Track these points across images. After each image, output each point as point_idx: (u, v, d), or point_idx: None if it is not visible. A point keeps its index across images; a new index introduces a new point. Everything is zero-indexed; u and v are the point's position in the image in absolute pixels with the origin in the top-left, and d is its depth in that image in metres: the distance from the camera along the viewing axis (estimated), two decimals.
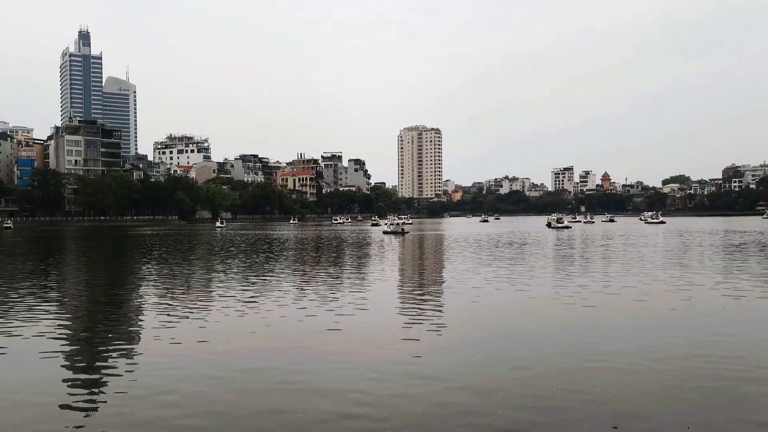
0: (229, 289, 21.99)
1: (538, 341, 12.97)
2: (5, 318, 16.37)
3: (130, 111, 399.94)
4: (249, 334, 14.04)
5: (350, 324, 15.32)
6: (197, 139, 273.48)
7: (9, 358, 11.92)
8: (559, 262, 33.13)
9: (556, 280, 23.95)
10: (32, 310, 17.76)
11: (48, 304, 18.87)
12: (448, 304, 18.46)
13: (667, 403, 8.98)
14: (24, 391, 9.74)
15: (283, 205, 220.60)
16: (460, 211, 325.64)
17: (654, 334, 13.51)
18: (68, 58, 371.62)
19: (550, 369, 10.78)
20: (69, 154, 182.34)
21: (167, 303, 18.82)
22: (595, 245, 48.50)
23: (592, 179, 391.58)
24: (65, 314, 17.27)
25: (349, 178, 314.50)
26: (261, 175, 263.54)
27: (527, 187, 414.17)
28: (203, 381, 10.17)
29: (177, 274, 27.98)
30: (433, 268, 31.04)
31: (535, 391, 9.49)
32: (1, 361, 11.66)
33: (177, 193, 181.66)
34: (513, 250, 42.51)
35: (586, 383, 9.94)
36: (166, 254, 42.68)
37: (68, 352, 12.48)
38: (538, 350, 12.14)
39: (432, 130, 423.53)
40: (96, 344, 13.41)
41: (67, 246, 58.60)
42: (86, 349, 12.94)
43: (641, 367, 10.85)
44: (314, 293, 20.70)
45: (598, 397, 9.20)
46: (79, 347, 13.08)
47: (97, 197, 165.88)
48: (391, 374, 10.43)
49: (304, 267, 31.09)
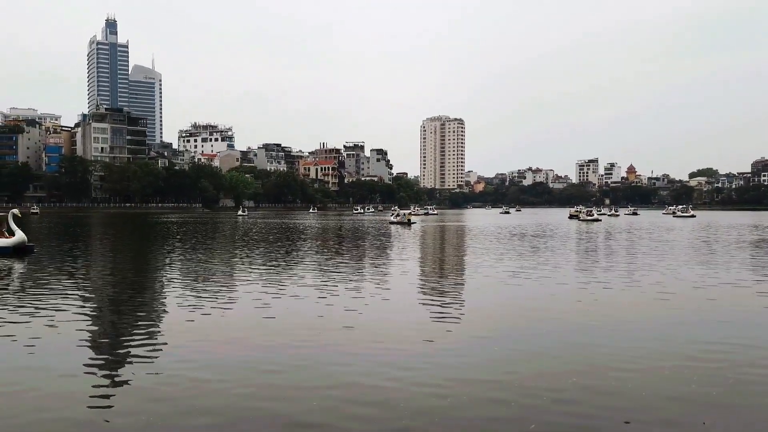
0: (248, 278, 22.07)
1: (558, 336, 12.77)
2: (31, 304, 16.62)
3: (155, 99, 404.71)
4: (269, 324, 14.06)
5: (370, 314, 15.26)
6: (221, 128, 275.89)
7: (35, 344, 12.07)
8: (592, 256, 32.69)
9: (581, 275, 23.61)
10: (59, 295, 18.01)
11: (75, 290, 19.12)
12: (468, 297, 18.29)
13: (683, 400, 8.78)
14: (49, 377, 9.83)
15: (305, 195, 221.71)
16: (483, 203, 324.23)
17: (677, 332, 13.22)
18: (95, 47, 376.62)
19: (567, 363, 10.61)
20: (95, 141, 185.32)
21: (190, 290, 18.95)
22: (633, 239, 47.77)
23: (617, 171, 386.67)
24: (91, 299, 17.46)
25: (371, 168, 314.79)
26: (283, 164, 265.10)
27: (551, 178, 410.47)
28: (224, 369, 10.17)
29: (199, 262, 28.22)
30: (454, 261, 30.86)
31: (550, 384, 9.33)
32: (27, 347, 11.80)
33: (201, 181, 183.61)
34: (539, 243, 42.09)
35: (602, 378, 9.77)
36: (189, 241, 43.15)
37: (93, 339, 12.60)
38: (556, 345, 11.95)
39: (455, 121, 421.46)
40: (120, 330, 13.53)
41: (94, 232, 59.54)
42: (111, 335, 13.06)
43: (659, 364, 10.62)
44: (333, 283, 20.67)
45: (613, 392, 9.02)
46: (104, 333, 13.20)
47: (123, 184, 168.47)
48: (410, 365, 10.35)
49: (322, 256, 31.13)
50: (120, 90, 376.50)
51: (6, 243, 30.21)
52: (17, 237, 30.63)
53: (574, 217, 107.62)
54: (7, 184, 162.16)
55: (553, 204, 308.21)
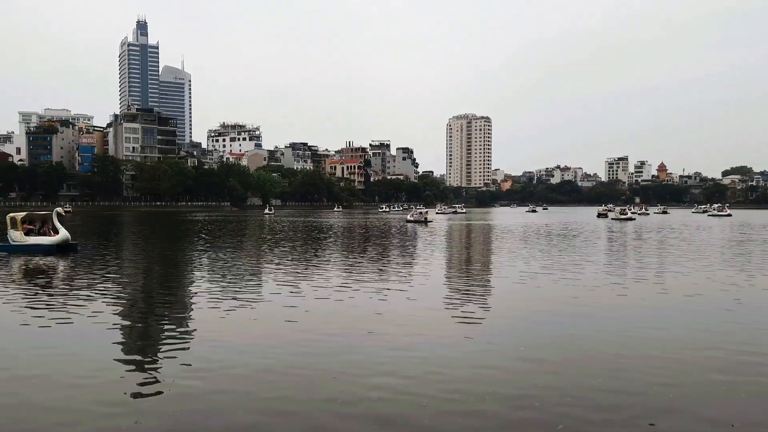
0: (276, 273, 22.39)
1: (585, 332, 12.76)
2: (66, 295, 17.17)
3: (185, 99, 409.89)
4: (299, 317, 14.34)
5: (397, 309, 15.47)
6: (249, 128, 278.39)
7: (68, 335, 12.51)
8: (635, 257, 32.39)
9: (616, 275, 23.43)
10: (92, 289, 18.55)
11: (116, 286, 19.69)
12: (495, 294, 18.32)
13: (712, 400, 8.75)
14: (82, 368, 10.20)
15: (331, 193, 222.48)
16: (510, 201, 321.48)
17: (704, 329, 13.11)
18: (126, 48, 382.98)
19: (592, 361, 10.64)
20: (127, 141, 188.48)
21: (222, 286, 19.35)
22: (682, 239, 47.08)
23: (647, 169, 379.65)
24: (129, 296, 17.95)
25: (397, 167, 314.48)
26: (310, 163, 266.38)
27: (579, 177, 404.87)
28: (255, 363, 10.42)
29: (227, 258, 28.71)
30: (476, 259, 30.83)
31: (574, 382, 9.36)
32: (62, 338, 12.24)
33: (229, 180, 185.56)
34: (569, 242, 41.76)
35: (627, 375, 9.78)
36: (218, 239, 43.89)
37: (124, 331, 13.00)
38: (582, 342, 11.95)
39: (482, 119, 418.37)
40: (151, 323, 13.95)
41: (130, 230, 60.81)
42: (141, 328, 13.46)
43: (687, 361, 10.58)
44: (359, 278, 20.86)
45: (638, 391, 9.02)
46: (134, 326, 13.61)
47: (154, 183, 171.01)
48: (437, 358, 10.48)
49: (348, 252, 31.37)
50: (150, 90, 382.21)
51: (50, 241, 30.95)
52: (61, 235, 31.29)
53: (603, 215, 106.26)
54: (43, 184, 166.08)
55: (582, 203, 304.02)
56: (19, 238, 31.11)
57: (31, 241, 31.10)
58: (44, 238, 31.31)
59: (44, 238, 31.31)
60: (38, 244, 30.82)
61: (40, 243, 30.85)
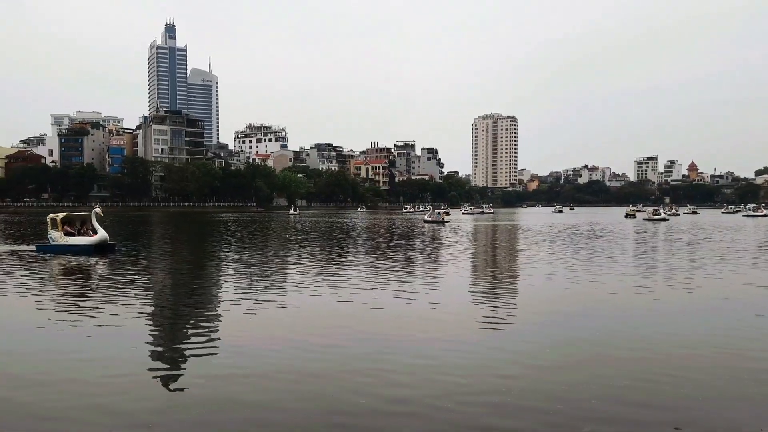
0: (302, 273, 22.51)
1: (612, 335, 12.53)
2: (95, 295, 17.47)
3: (212, 101, 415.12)
4: (325, 318, 14.41)
5: (423, 308, 15.46)
6: (275, 129, 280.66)
7: (97, 335, 12.71)
8: (660, 255, 31.86)
9: (644, 275, 23.05)
10: (129, 289, 18.88)
11: (143, 284, 20.06)
12: (518, 296, 18.14)
13: (740, 404, 8.52)
14: (112, 367, 10.35)
15: (356, 194, 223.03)
16: (537, 201, 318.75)
17: (734, 333, 12.80)
18: (155, 51, 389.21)
19: (619, 364, 10.46)
20: (156, 142, 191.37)
21: (246, 287, 19.54)
22: (705, 240, 46.21)
23: (677, 169, 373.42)
24: (157, 294, 18.28)
25: (422, 167, 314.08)
26: (335, 163, 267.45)
27: (607, 177, 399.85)
28: (282, 363, 10.47)
29: (254, 258, 28.98)
30: (501, 261, 30.58)
31: (600, 385, 9.21)
32: (90, 338, 12.45)
33: (255, 181, 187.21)
34: (601, 245, 41.22)
35: (654, 378, 9.59)
36: (245, 239, 44.37)
37: (153, 332, 13.18)
38: (609, 345, 11.76)
39: (508, 118, 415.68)
40: (179, 324, 14.14)
41: (161, 230, 61.84)
42: (170, 328, 13.65)
43: (715, 365, 10.33)
44: (384, 279, 20.85)
45: (665, 394, 8.84)
46: (163, 326, 13.79)
47: (182, 184, 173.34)
48: (459, 359, 10.42)
49: (372, 253, 31.37)
50: (179, 93, 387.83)
51: (89, 241, 31.48)
52: (99, 235, 31.77)
53: (631, 216, 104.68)
54: (74, 185, 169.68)
55: (610, 203, 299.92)
56: (59, 238, 31.76)
57: (71, 241, 31.68)
58: (83, 239, 31.87)
59: (83, 239, 31.87)
60: (77, 244, 31.38)
61: (79, 243, 31.41)
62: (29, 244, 37.21)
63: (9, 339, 12.46)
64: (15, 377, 9.78)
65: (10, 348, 11.68)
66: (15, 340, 12.33)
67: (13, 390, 9.13)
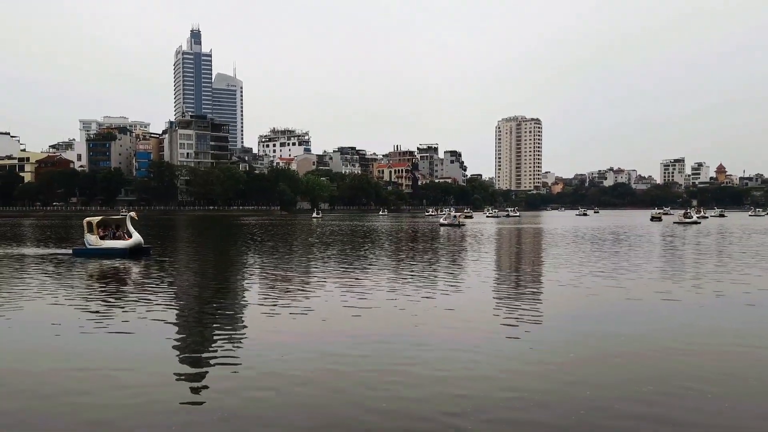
0: (323, 276, 22.69)
1: (636, 339, 12.44)
2: (124, 296, 17.87)
3: (236, 105, 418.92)
4: (350, 318, 14.58)
5: (443, 311, 15.53)
6: (298, 133, 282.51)
7: (126, 335, 13.01)
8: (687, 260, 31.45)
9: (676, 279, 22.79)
10: (154, 291, 19.28)
11: (175, 287, 20.55)
12: (541, 299, 18.07)
13: (765, 408, 8.45)
14: (140, 368, 10.61)
15: (379, 197, 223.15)
16: (561, 204, 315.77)
17: (760, 336, 12.62)
18: (181, 56, 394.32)
19: (642, 367, 10.41)
20: (181, 147, 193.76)
21: (272, 290, 19.85)
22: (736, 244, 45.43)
23: (705, 171, 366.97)
24: (189, 296, 18.71)
25: (445, 170, 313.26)
26: (358, 167, 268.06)
27: (633, 179, 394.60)
28: (308, 364, 10.61)
29: (278, 261, 29.29)
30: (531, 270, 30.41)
31: (623, 389, 9.17)
32: (120, 339, 12.75)
33: (279, 185, 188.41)
34: (625, 250, 40.74)
35: (678, 383, 9.54)
36: (269, 242, 44.89)
37: (179, 332, 13.47)
38: (633, 348, 11.67)
39: (531, 121, 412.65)
40: (205, 325, 14.45)
41: (188, 234, 62.82)
42: (196, 330, 13.95)
43: (740, 368, 10.22)
44: (408, 281, 20.93)
45: (689, 398, 8.79)
46: (189, 328, 14.07)
47: (207, 188, 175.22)
48: (482, 363, 10.45)
49: (393, 256, 31.44)
50: (204, 97, 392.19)
51: (124, 245, 32.08)
52: (134, 239, 32.32)
53: (657, 219, 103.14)
54: (102, 189, 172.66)
55: (636, 205, 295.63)
56: (95, 241, 32.44)
57: (106, 244, 32.32)
58: (118, 242, 32.49)
59: (118, 242, 32.49)
60: (113, 247, 32.01)
61: (115, 247, 32.05)
62: (65, 247, 38.16)
63: (45, 339, 12.83)
64: (49, 376, 10.10)
65: (48, 346, 12.06)
66: (51, 340, 12.72)
67: (44, 387, 9.43)
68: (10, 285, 21.05)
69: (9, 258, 31.67)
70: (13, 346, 12.21)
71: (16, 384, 9.60)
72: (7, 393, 9.19)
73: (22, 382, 9.68)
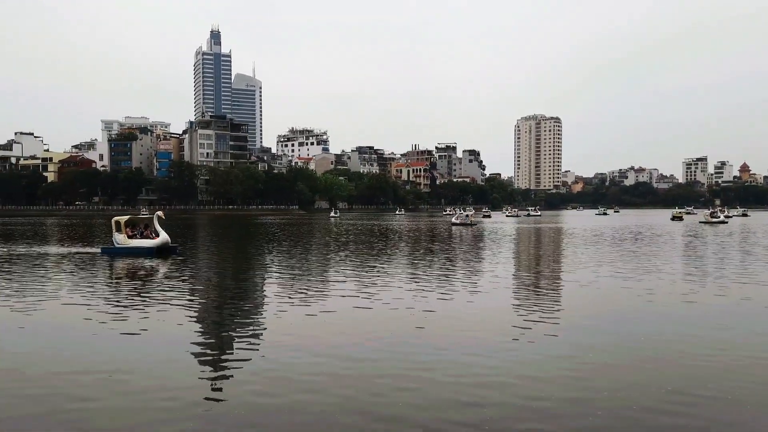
0: (340, 275, 22.72)
1: (656, 340, 12.24)
2: (146, 295, 18.04)
3: (255, 105, 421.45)
4: (363, 321, 14.56)
5: (463, 310, 15.50)
6: (316, 132, 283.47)
7: (143, 336, 13.13)
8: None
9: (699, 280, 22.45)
10: (171, 289, 19.47)
11: (201, 286, 20.81)
12: (560, 300, 17.89)
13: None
14: (158, 368, 10.71)
15: (397, 196, 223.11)
16: (582, 204, 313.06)
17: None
18: (201, 57, 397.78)
19: (664, 368, 10.26)
20: (201, 147, 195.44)
21: (287, 288, 19.90)
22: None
23: (728, 170, 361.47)
24: (206, 295, 18.87)
25: (464, 169, 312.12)
26: (376, 166, 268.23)
27: (655, 178, 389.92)
28: (318, 368, 10.58)
29: (295, 260, 29.46)
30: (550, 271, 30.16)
31: (644, 390, 9.04)
32: (137, 340, 12.87)
33: (297, 184, 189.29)
34: (644, 249, 40.23)
35: (699, 384, 9.40)
36: (288, 240, 45.22)
37: (194, 335, 13.55)
38: (653, 349, 11.49)
39: (551, 119, 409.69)
40: (222, 326, 14.55)
41: (209, 233, 63.44)
42: (214, 330, 14.05)
43: (762, 371, 10.01)
44: (424, 282, 20.86)
45: (709, 401, 8.63)
46: (206, 328, 14.17)
47: (226, 187, 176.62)
48: (500, 364, 10.38)
49: (408, 256, 31.38)
50: (223, 97, 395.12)
51: (151, 244, 32.50)
52: (161, 238, 32.74)
53: (678, 218, 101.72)
54: (123, 188, 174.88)
55: (658, 205, 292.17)
56: (123, 240, 32.91)
57: (134, 243, 32.78)
58: (146, 241, 32.94)
59: (146, 241, 32.94)
60: (140, 246, 32.46)
61: (142, 246, 32.50)
62: (93, 246, 38.94)
63: (77, 339, 13.00)
64: (78, 373, 10.23)
65: (77, 343, 12.21)
66: (77, 338, 12.88)
67: (72, 385, 9.55)
68: (43, 283, 21.68)
69: (41, 257, 32.46)
70: (45, 342, 12.36)
71: (44, 383, 9.74)
72: (40, 395, 9.31)
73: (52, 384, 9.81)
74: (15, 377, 10.12)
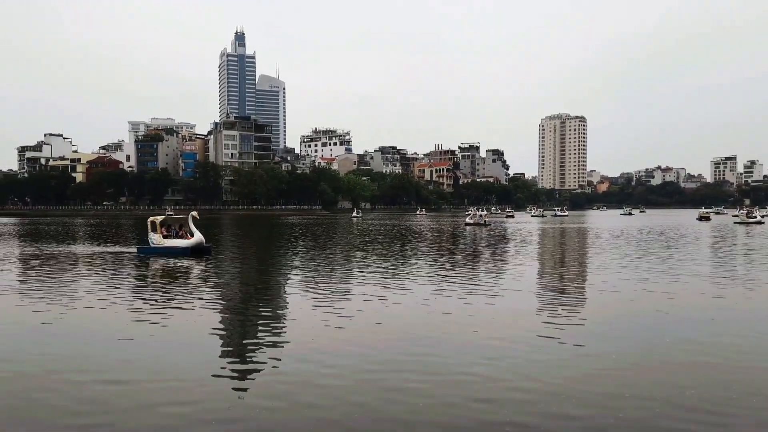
0: (361, 277, 22.74)
1: (680, 342, 12.03)
2: (162, 297, 18.27)
3: (279, 106, 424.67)
4: (387, 323, 14.57)
5: (485, 313, 15.46)
6: (339, 133, 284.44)
7: (162, 339, 13.29)
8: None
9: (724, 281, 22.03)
10: (214, 289, 19.82)
11: (232, 286, 21.09)
12: (582, 302, 17.67)
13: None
14: (177, 369, 10.81)
15: (420, 196, 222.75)
16: (603, 204, 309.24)
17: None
18: (225, 58, 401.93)
19: (687, 371, 10.11)
20: (226, 147, 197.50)
21: (310, 290, 20.02)
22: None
23: (758, 169, 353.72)
24: (237, 295, 19.10)
25: (487, 169, 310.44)
26: (399, 166, 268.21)
27: (682, 177, 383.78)
28: (344, 368, 10.65)
29: (319, 261, 29.58)
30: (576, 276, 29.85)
31: (667, 393, 8.89)
32: (155, 342, 13.03)
33: (320, 184, 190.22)
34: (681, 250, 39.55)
35: (725, 387, 9.28)
36: (312, 240, 45.47)
37: (218, 334, 13.69)
38: (677, 351, 11.30)
39: (576, 119, 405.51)
40: (244, 328, 14.65)
41: (234, 232, 64.05)
42: (235, 332, 14.17)
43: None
44: (446, 284, 20.77)
45: (734, 404, 8.47)
46: (228, 330, 14.30)
47: (250, 188, 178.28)
48: (523, 366, 10.30)
49: (432, 256, 31.27)
50: (248, 98, 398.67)
51: (186, 244, 32.92)
52: (195, 238, 33.09)
53: (705, 218, 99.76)
54: (149, 189, 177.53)
55: (685, 205, 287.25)
56: (158, 240, 33.47)
57: (169, 243, 33.28)
58: (180, 241, 33.41)
59: (180, 241, 33.41)
60: (175, 246, 32.94)
61: (177, 246, 32.97)
62: (128, 245, 39.95)
63: (108, 337, 13.23)
64: (106, 371, 10.40)
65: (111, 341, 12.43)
66: (113, 336, 13.11)
67: (99, 383, 9.73)
68: (81, 281, 22.39)
69: (80, 256, 33.38)
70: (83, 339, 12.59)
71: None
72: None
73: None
74: (41, 378, 10.30)
